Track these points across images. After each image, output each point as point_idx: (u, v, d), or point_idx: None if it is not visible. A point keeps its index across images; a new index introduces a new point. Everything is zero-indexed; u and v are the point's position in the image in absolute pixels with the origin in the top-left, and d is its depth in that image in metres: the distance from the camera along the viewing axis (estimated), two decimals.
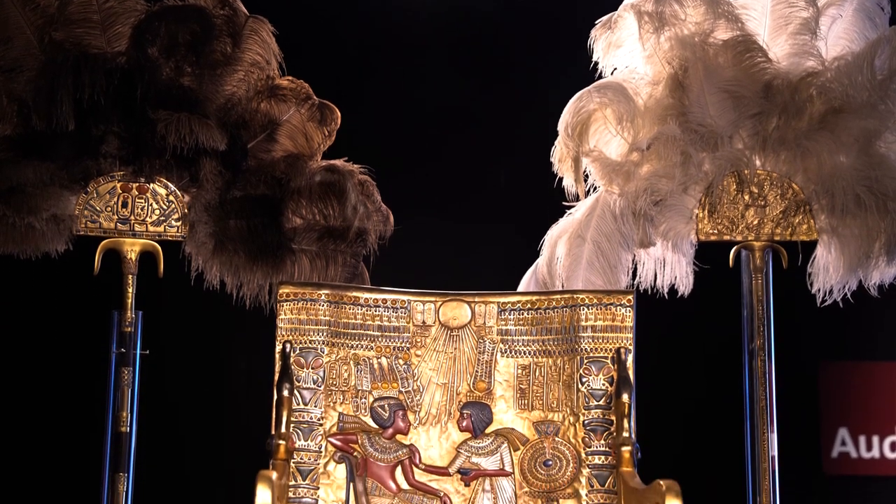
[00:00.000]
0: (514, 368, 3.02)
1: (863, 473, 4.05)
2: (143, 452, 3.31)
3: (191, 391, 3.88)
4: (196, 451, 3.84)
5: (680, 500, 2.34)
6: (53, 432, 3.80)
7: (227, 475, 3.65)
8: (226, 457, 3.76)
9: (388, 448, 2.96)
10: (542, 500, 2.94)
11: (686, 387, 3.96)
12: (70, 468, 3.75)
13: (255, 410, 3.04)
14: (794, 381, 3.63)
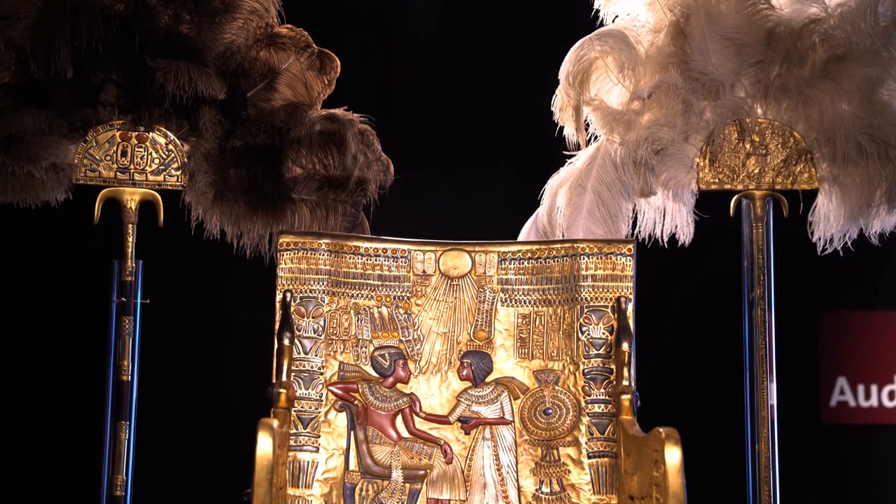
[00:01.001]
0: (515, 317, 3.02)
1: (861, 422, 4.07)
2: (145, 401, 3.32)
3: (191, 340, 3.89)
4: (197, 400, 3.85)
5: (679, 447, 2.34)
6: (55, 382, 3.81)
7: (229, 423, 3.66)
8: (227, 405, 3.78)
9: (388, 397, 2.97)
10: (542, 448, 2.95)
11: (686, 336, 3.97)
12: (72, 417, 3.77)
13: (256, 359, 3.05)
14: (793, 330, 3.64)
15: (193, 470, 3.80)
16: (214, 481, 3.68)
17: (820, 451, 4.00)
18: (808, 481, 3.89)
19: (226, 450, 3.53)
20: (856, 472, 4.00)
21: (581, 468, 2.92)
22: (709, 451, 3.63)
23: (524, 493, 2.93)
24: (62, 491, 3.70)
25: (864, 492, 3.99)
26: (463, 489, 2.94)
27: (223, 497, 3.47)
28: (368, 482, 2.92)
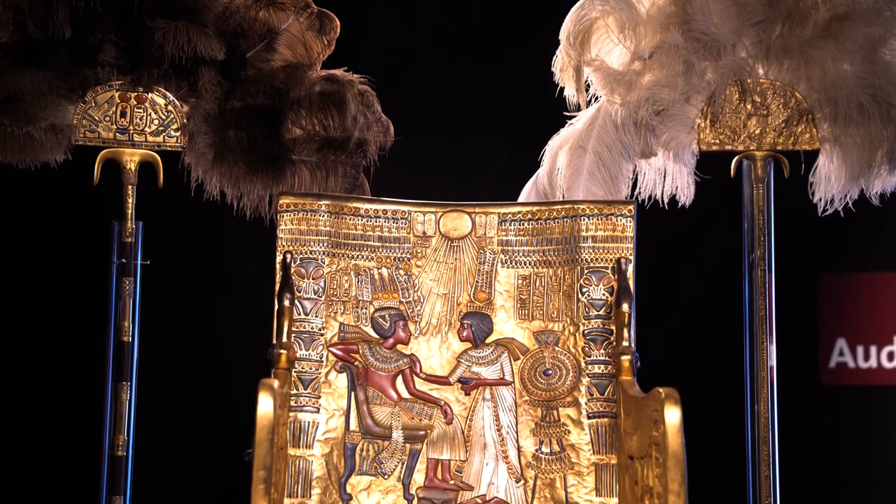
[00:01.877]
0: (515, 279, 3.03)
1: (860, 383, 4.08)
2: (146, 362, 3.33)
3: (192, 301, 3.89)
4: (198, 361, 3.86)
5: (679, 407, 2.35)
6: (55, 343, 3.82)
7: (229, 384, 3.67)
8: (227, 366, 3.79)
9: (388, 358, 2.97)
10: (542, 408, 2.96)
11: (686, 297, 3.97)
12: (73, 378, 3.78)
13: (257, 320, 3.05)
14: (793, 291, 3.64)
15: (194, 430, 3.82)
16: (215, 442, 3.69)
17: (819, 412, 4.01)
18: (807, 442, 3.91)
19: (226, 411, 3.55)
20: (854, 433, 4.02)
21: (581, 428, 2.93)
22: (708, 411, 3.64)
23: (524, 452, 2.94)
24: (64, 451, 3.72)
25: (862, 452, 4.01)
26: (463, 449, 2.95)
27: (224, 457, 3.48)
28: (369, 442, 2.93)
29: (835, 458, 3.98)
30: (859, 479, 3.99)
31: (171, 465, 3.78)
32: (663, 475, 2.32)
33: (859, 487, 3.99)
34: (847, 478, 3.98)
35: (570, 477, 2.90)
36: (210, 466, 3.74)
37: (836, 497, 3.97)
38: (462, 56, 4.08)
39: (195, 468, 3.80)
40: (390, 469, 2.92)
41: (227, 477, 3.26)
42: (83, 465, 3.50)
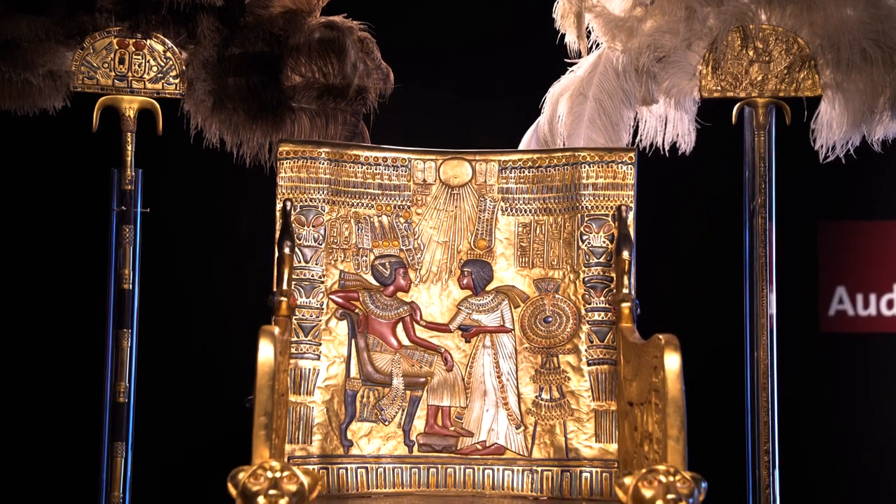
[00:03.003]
0: (515, 226, 3.02)
1: (859, 331, 4.09)
2: (146, 309, 3.34)
3: (192, 249, 3.89)
4: (199, 309, 3.87)
5: (678, 353, 2.36)
6: (56, 291, 3.82)
7: (230, 332, 3.68)
8: (228, 314, 3.79)
9: (389, 305, 2.98)
10: (542, 355, 2.97)
11: (686, 245, 3.97)
12: (74, 326, 3.79)
13: (257, 269, 3.05)
14: (793, 240, 3.64)
15: (195, 377, 3.83)
16: (216, 389, 3.71)
17: (818, 360, 4.03)
18: (806, 389, 3.93)
19: (227, 358, 3.56)
20: (853, 381, 4.04)
21: (581, 375, 2.94)
22: (708, 358, 3.65)
23: (524, 399, 2.95)
24: (66, 399, 3.73)
25: (860, 399, 4.03)
26: (463, 396, 2.96)
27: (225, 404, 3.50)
28: (369, 389, 2.94)
29: (833, 404, 4.00)
30: (857, 425, 4.01)
31: (173, 411, 3.80)
32: (662, 421, 2.33)
33: (857, 434, 4.01)
34: (845, 424, 4.01)
35: (570, 423, 2.92)
36: (211, 413, 3.76)
37: (835, 443, 3.99)
38: (462, 2, 4.06)
39: (196, 415, 3.82)
40: (391, 415, 2.93)
41: (228, 423, 3.28)
42: (85, 412, 3.52)
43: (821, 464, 3.94)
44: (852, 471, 3.97)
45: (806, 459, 3.89)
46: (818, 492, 3.91)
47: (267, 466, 2.22)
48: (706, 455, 2.54)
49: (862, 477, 3.96)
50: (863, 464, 3.98)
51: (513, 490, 2.90)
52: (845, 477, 3.96)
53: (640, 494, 2.22)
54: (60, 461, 3.70)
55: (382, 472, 2.90)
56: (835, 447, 3.97)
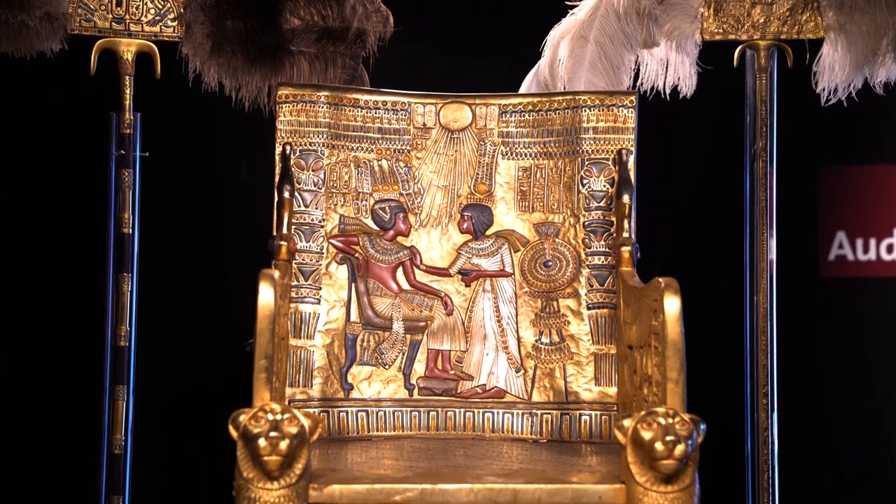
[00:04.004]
0: (515, 170, 3.02)
1: (859, 275, 4.09)
2: (146, 254, 3.34)
3: (191, 194, 3.88)
4: (198, 253, 3.86)
5: (678, 296, 2.36)
6: (55, 234, 3.82)
7: (230, 277, 3.68)
8: (228, 259, 3.79)
9: (389, 250, 2.98)
10: (541, 299, 2.97)
11: (687, 189, 3.97)
12: (74, 270, 3.79)
13: (257, 213, 3.05)
14: (793, 185, 3.64)
15: (195, 321, 3.84)
16: (216, 333, 3.72)
17: (817, 304, 4.03)
18: (805, 333, 3.94)
19: (227, 303, 3.57)
20: (851, 325, 4.04)
21: (580, 319, 2.94)
22: (708, 301, 3.66)
23: (524, 343, 2.96)
24: (66, 342, 3.74)
25: (858, 343, 4.04)
26: (463, 340, 2.97)
27: (226, 348, 3.51)
28: (370, 333, 2.95)
29: (832, 348, 4.01)
30: (856, 369, 4.03)
31: (174, 355, 3.81)
32: (662, 364, 2.34)
33: (856, 377, 4.02)
34: (844, 368, 4.02)
35: (570, 367, 2.93)
36: (212, 357, 3.77)
37: (833, 387, 4.01)
38: None
39: (197, 359, 3.83)
40: (391, 359, 2.94)
41: (229, 367, 3.29)
42: (86, 355, 3.53)
43: (819, 407, 3.96)
44: (851, 414, 3.99)
45: (804, 403, 3.91)
46: (816, 434, 3.94)
47: (268, 409, 2.23)
48: (705, 398, 2.55)
49: (860, 420, 3.98)
50: (861, 407, 4.00)
51: (512, 433, 2.92)
52: (844, 420, 3.98)
53: (640, 436, 2.23)
54: (62, 404, 3.71)
55: (383, 416, 2.92)
56: (833, 391, 3.99)
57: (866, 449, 3.98)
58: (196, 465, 3.69)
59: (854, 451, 3.98)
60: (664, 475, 2.21)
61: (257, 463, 2.20)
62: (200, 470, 3.61)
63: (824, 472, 3.93)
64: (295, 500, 2.19)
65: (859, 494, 3.95)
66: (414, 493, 2.25)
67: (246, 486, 2.20)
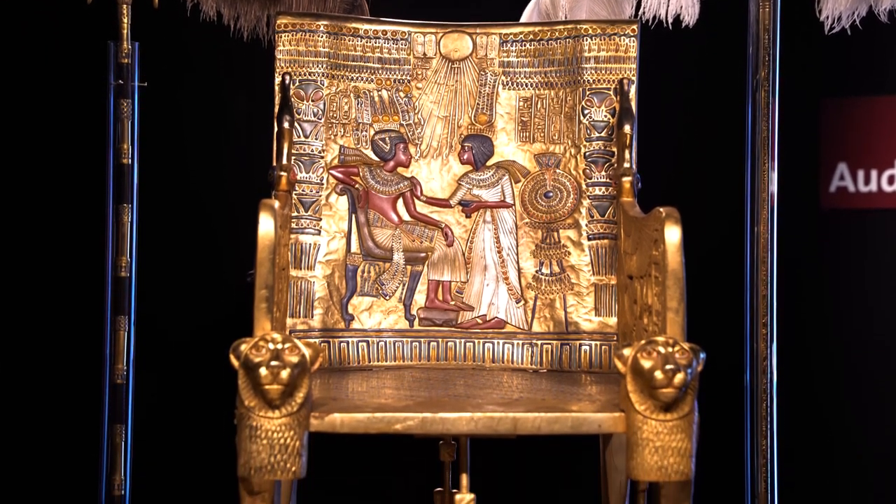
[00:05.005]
0: (516, 101, 3.00)
1: (860, 207, 4.08)
2: (146, 186, 3.33)
3: (190, 124, 3.87)
4: (197, 184, 3.85)
5: (678, 226, 2.35)
6: (54, 165, 3.81)
7: (230, 209, 3.68)
8: (227, 191, 3.79)
9: (389, 180, 2.97)
10: (542, 230, 2.97)
11: (688, 119, 3.95)
12: (72, 200, 3.78)
13: (256, 145, 3.04)
14: (794, 116, 3.62)
15: (196, 253, 3.84)
16: (216, 265, 3.72)
17: (818, 236, 4.03)
18: (805, 264, 3.94)
19: (228, 236, 3.57)
20: (852, 256, 4.05)
21: (581, 250, 2.94)
22: (708, 232, 3.66)
23: (524, 274, 2.96)
24: (67, 273, 3.74)
25: (858, 274, 4.04)
26: (464, 271, 2.97)
27: (226, 280, 3.51)
28: (370, 264, 2.95)
29: (832, 280, 4.01)
30: (856, 300, 4.04)
31: (174, 286, 3.82)
32: (662, 293, 2.33)
33: (855, 308, 4.03)
34: (843, 299, 4.03)
35: (570, 297, 2.93)
36: (213, 289, 3.78)
37: (833, 317, 4.02)
38: None
39: (198, 290, 3.83)
40: (391, 290, 2.95)
41: (230, 299, 3.29)
42: (87, 285, 3.53)
43: (818, 338, 3.98)
44: (851, 343, 4.01)
45: (804, 333, 3.92)
46: (815, 365, 3.95)
47: (269, 338, 2.23)
48: (705, 328, 2.56)
49: (859, 350, 4.00)
50: (861, 337, 4.01)
51: (513, 363, 2.93)
52: (843, 350, 4.00)
53: (639, 365, 2.23)
54: (63, 336, 3.73)
55: (383, 346, 2.93)
56: (833, 321, 4.00)
57: (865, 380, 4.00)
58: (198, 395, 3.70)
59: (853, 381, 4.00)
60: (663, 403, 2.22)
61: (258, 392, 2.21)
62: (202, 400, 3.63)
63: (822, 402, 3.95)
64: (296, 428, 2.21)
65: (857, 423, 3.98)
66: (414, 421, 2.26)
67: (247, 415, 2.21)
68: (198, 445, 3.70)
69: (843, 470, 3.94)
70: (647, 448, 2.22)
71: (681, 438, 2.22)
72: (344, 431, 2.26)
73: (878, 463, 3.96)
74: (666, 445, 2.21)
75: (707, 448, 2.44)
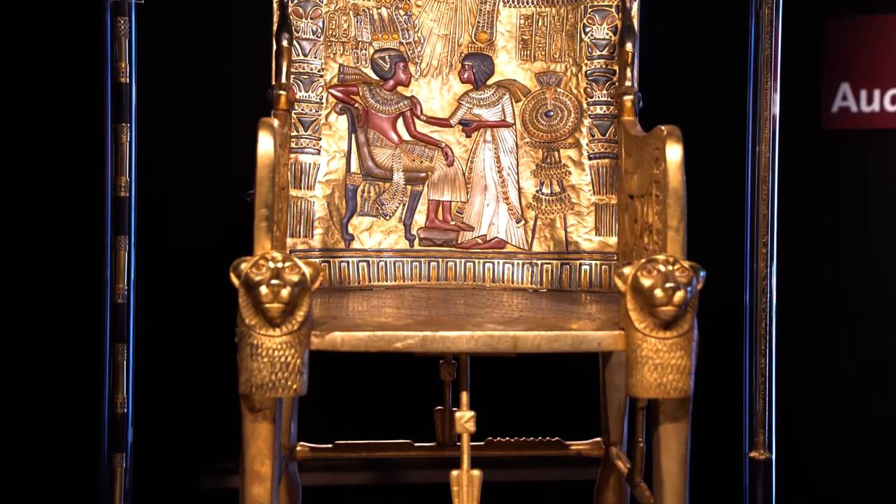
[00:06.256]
0: (517, 19, 2.97)
1: (862, 127, 4.06)
2: (144, 105, 3.31)
3: (189, 42, 3.83)
4: (197, 104, 3.83)
5: (680, 144, 2.34)
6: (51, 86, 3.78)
7: (229, 129, 3.66)
8: (227, 110, 3.76)
9: (389, 100, 2.95)
10: (542, 150, 2.96)
11: (690, 37, 3.91)
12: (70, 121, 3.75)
13: (256, 65, 3.02)
14: (797, 36, 3.59)
15: (195, 174, 3.82)
16: (216, 185, 3.71)
17: (819, 156, 4.01)
18: (806, 184, 3.93)
19: (227, 157, 3.55)
20: (853, 176, 4.03)
21: (581, 169, 2.93)
22: (710, 152, 3.65)
23: (524, 194, 2.96)
24: (64, 195, 3.73)
25: (860, 195, 4.03)
26: (464, 191, 2.96)
27: (226, 201, 3.51)
28: (370, 184, 2.94)
29: (833, 200, 4.00)
30: (855, 220, 4.03)
31: (174, 206, 3.80)
32: (663, 212, 2.33)
33: (854, 227, 4.03)
34: (843, 219, 4.02)
35: (570, 217, 2.93)
36: (213, 209, 3.77)
37: (833, 235, 4.02)
38: None
39: (198, 210, 3.82)
40: (391, 210, 2.95)
41: (230, 219, 3.29)
42: (86, 206, 3.52)
43: (818, 256, 3.98)
44: (850, 264, 4.01)
45: (803, 253, 3.92)
46: (814, 284, 3.96)
47: (269, 257, 2.23)
48: (705, 247, 2.56)
49: (858, 270, 4.00)
50: (861, 258, 4.01)
51: (513, 283, 2.93)
52: (843, 270, 4.00)
53: (639, 283, 2.24)
54: (62, 256, 3.72)
55: (384, 266, 2.93)
56: (832, 241, 4.00)
57: (864, 300, 4.01)
58: (199, 315, 3.71)
59: (852, 302, 4.01)
60: (663, 321, 2.23)
61: (259, 310, 2.21)
62: (203, 319, 3.64)
63: (821, 321, 3.97)
64: (297, 346, 2.22)
65: (855, 343, 4.00)
66: (415, 339, 2.27)
67: (248, 333, 2.22)
68: (200, 364, 3.72)
69: (840, 389, 3.97)
70: (646, 366, 2.23)
71: (680, 356, 2.23)
72: (344, 350, 2.27)
73: (873, 382, 3.98)
74: (665, 363, 2.23)
75: (706, 367, 2.46)
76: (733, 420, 3.45)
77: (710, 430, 2.91)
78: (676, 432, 2.29)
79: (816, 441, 3.95)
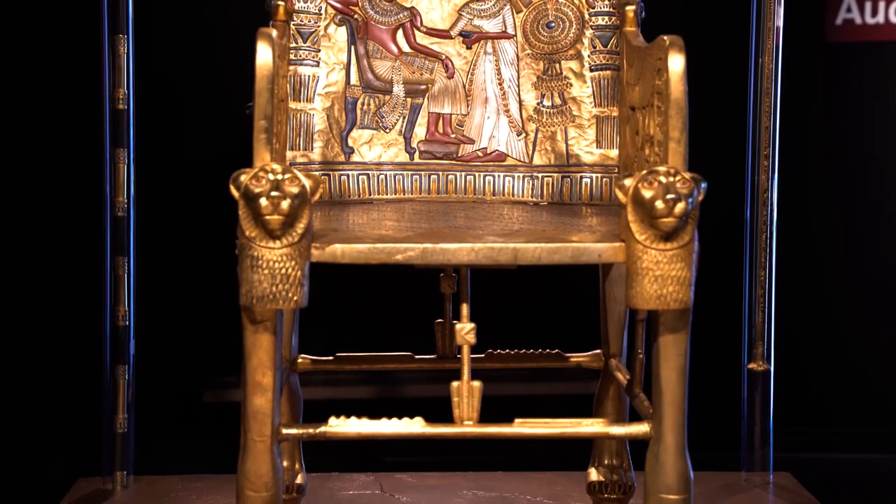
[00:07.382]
0: None
1: (866, 39, 4.03)
2: (140, 15, 3.28)
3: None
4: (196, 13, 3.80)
5: (682, 54, 2.31)
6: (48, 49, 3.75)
7: (229, 40, 3.64)
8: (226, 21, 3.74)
9: (388, 11, 2.92)
10: (544, 61, 2.93)
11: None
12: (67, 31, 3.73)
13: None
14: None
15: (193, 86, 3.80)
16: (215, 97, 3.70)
17: (823, 69, 3.99)
18: (810, 98, 3.91)
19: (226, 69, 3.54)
20: (859, 90, 4.02)
21: (583, 81, 2.91)
22: (712, 62, 3.63)
23: (525, 106, 2.94)
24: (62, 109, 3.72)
25: (866, 109, 4.02)
26: (464, 103, 2.94)
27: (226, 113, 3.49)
28: (370, 96, 2.92)
29: (837, 113, 3.99)
30: (860, 134, 4.02)
31: (173, 118, 3.80)
32: (664, 123, 2.32)
33: (859, 142, 4.02)
34: (847, 133, 4.01)
35: (571, 129, 2.92)
36: (212, 122, 3.76)
37: (835, 148, 4.01)
38: None
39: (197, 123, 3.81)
40: (392, 123, 2.93)
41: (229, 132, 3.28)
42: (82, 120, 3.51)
43: (820, 169, 3.98)
44: (852, 178, 4.01)
45: (805, 165, 3.91)
46: (815, 196, 3.96)
47: (269, 169, 2.23)
48: (707, 159, 2.55)
49: (859, 182, 4.00)
50: (863, 171, 4.01)
51: (513, 196, 2.93)
52: (845, 184, 4.00)
53: (640, 195, 2.23)
54: (61, 172, 3.72)
55: (384, 179, 2.92)
56: (835, 153, 4.00)
57: (865, 214, 4.02)
58: (199, 226, 3.72)
59: (853, 216, 4.01)
60: (664, 233, 2.22)
61: (259, 222, 2.21)
62: (204, 231, 3.65)
63: (821, 235, 3.97)
64: (297, 258, 2.22)
65: (854, 257, 4.01)
66: (415, 251, 2.27)
67: (248, 245, 2.22)
68: (201, 276, 3.73)
69: (840, 300, 3.99)
70: (646, 277, 2.23)
71: (680, 267, 2.23)
72: (345, 262, 2.28)
73: (872, 295, 4.00)
74: (665, 274, 2.23)
75: (706, 279, 2.46)
76: (733, 333, 3.47)
77: (709, 342, 2.93)
78: (676, 343, 2.30)
79: (815, 353, 3.98)
